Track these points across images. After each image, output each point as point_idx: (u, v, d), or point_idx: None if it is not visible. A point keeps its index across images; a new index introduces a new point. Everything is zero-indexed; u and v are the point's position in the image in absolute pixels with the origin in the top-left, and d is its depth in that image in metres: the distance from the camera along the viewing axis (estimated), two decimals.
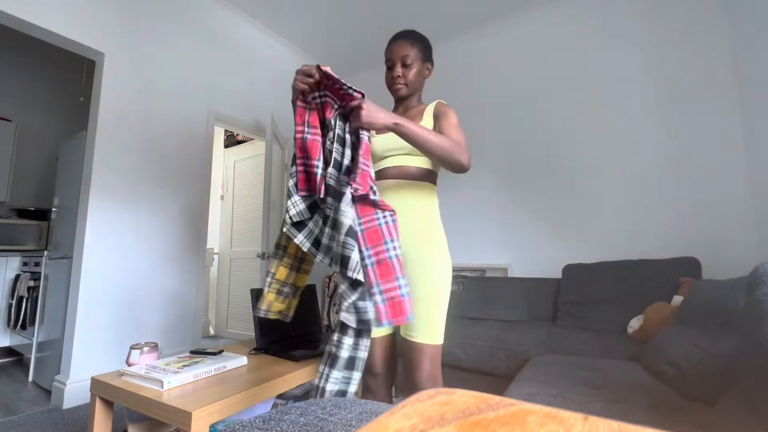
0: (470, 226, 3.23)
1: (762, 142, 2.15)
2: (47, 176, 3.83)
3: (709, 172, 2.40)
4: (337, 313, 3.80)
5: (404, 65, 1.25)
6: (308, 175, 1.01)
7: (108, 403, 1.24)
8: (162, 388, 1.11)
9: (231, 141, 4.52)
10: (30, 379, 2.62)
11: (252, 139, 4.16)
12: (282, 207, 3.36)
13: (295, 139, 1.01)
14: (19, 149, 3.63)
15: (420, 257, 1.16)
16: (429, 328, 1.13)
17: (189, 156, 2.84)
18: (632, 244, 2.57)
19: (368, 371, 1.16)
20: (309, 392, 1.72)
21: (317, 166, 0.98)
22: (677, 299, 1.79)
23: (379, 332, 1.19)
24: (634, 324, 1.89)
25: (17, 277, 3.01)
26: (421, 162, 1.24)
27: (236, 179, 4.35)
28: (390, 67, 1.28)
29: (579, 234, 2.79)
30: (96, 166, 2.32)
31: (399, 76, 1.26)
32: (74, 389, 2.14)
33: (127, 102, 2.49)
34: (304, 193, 1.02)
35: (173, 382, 1.13)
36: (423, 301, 1.12)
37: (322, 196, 0.97)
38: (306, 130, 1.00)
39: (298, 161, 1.02)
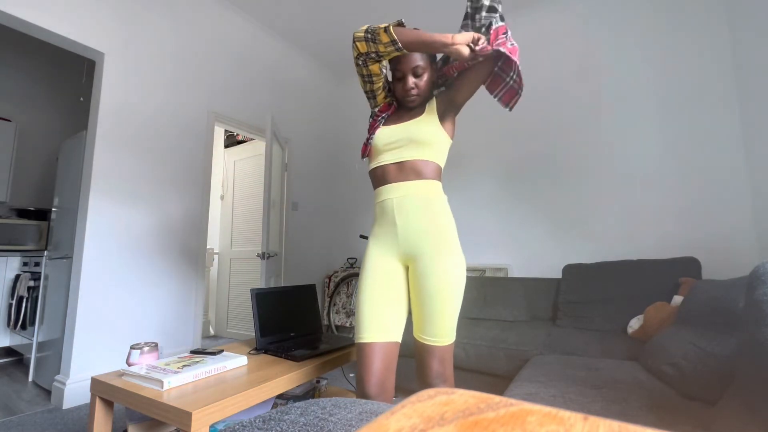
0: (470, 226, 3.23)
1: (762, 142, 2.15)
2: (47, 176, 3.83)
3: (709, 172, 2.40)
4: (337, 313, 3.79)
5: (416, 75, 1.17)
6: None
7: (108, 403, 1.24)
8: (162, 388, 1.11)
9: (231, 141, 4.51)
10: (30, 379, 2.62)
11: (252, 139, 4.16)
12: (282, 207, 3.37)
13: None
14: (19, 149, 3.63)
15: (435, 261, 1.12)
16: (440, 331, 1.13)
17: (189, 156, 2.84)
18: (632, 244, 2.57)
19: (360, 393, 1.09)
20: (309, 392, 1.72)
21: None
22: (677, 299, 1.79)
23: (378, 338, 1.11)
24: (634, 324, 1.89)
25: (17, 277, 3.01)
26: (424, 154, 1.16)
27: (236, 179, 4.35)
28: (400, 78, 1.19)
29: (579, 234, 2.79)
30: (96, 166, 2.32)
31: (413, 88, 1.18)
32: (74, 389, 2.14)
33: (127, 102, 2.49)
34: None
35: (173, 382, 1.13)
36: (436, 305, 1.12)
37: None
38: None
39: None
